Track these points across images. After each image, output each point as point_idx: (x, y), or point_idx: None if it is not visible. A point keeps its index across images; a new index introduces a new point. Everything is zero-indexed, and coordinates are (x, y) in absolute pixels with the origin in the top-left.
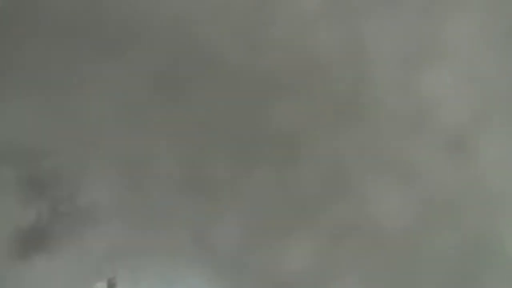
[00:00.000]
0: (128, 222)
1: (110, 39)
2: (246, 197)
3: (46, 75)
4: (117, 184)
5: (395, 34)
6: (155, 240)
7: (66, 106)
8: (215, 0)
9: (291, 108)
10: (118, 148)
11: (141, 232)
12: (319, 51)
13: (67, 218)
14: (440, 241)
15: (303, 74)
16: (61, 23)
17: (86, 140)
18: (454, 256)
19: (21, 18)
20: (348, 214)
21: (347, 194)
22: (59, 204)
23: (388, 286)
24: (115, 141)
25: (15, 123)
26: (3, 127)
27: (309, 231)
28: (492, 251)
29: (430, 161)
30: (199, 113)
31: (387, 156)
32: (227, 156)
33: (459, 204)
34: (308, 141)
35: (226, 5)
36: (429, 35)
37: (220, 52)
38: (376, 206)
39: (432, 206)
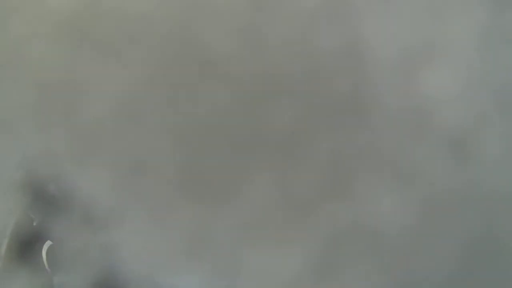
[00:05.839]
0: (126, 222)
1: (110, 39)
2: (245, 197)
3: (45, 73)
4: (114, 184)
5: (395, 34)
6: (153, 240)
7: (65, 105)
8: (215, 0)
9: (291, 107)
10: (116, 147)
11: (138, 231)
12: (319, 51)
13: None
14: (440, 241)
15: (303, 74)
16: (61, 22)
17: (84, 139)
18: (454, 257)
19: (21, 15)
20: (347, 214)
21: (346, 194)
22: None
23: (387, 286)
24: (113, 140)
25: (13, 122)
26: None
27: (308, 231)
28: (492, 252)
29: (430, 161)
30: (199, 113)
31: (387, 156)
32: (226, 156)
33: (459, 205)
34: (307, 141)
35: (226, 5)
36: (429, 35)
37: (220, 52)
38: (375, 206)
39: (432, 206)
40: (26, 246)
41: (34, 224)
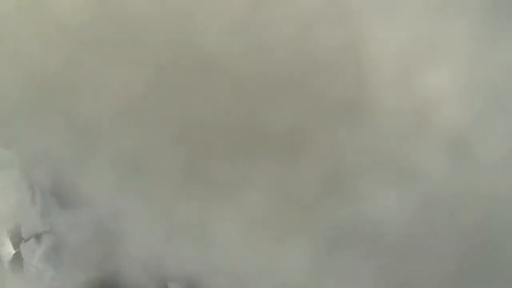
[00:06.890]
0: (126, 221)
1: (110, 39)
2: (245, 197)
3: (45, 74)
4: (115, 183)
5: (395, 35)
6: (154, 239)
7: (65, 105)
8: (215, 0)
9: (291, 107)
10: (116, 147)
11: (139, 230)
12: (319, 51)
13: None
14: (440, 241)
15: (303, 74)
16: (61, 23)
17: (85, 139)
18: (454, 256)
19: (21, 15)
20: (347, 214)
21: (346, 194)
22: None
23: (387, 286)
24: (113, 140)
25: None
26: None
27: (308, 230)
28: (491, 251)
29: (430, 161)
30: (199, 113)
31: (387, 156)
32: (226, 156)
33: (458, 204)
34: (308, 141)
35: (226, 5)
36: (429, 35)
37: (220, 52)
38: (375, 206)
39: (432, 206)
40: (26, 246)
41: (35, 224)
